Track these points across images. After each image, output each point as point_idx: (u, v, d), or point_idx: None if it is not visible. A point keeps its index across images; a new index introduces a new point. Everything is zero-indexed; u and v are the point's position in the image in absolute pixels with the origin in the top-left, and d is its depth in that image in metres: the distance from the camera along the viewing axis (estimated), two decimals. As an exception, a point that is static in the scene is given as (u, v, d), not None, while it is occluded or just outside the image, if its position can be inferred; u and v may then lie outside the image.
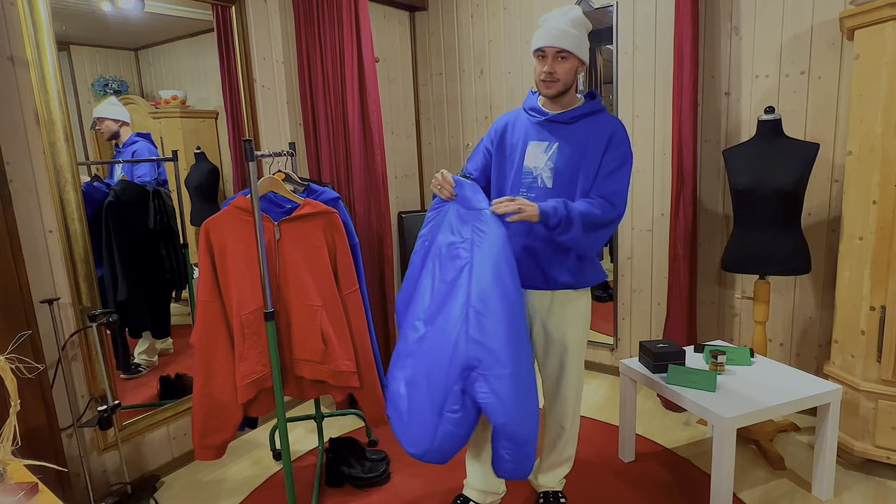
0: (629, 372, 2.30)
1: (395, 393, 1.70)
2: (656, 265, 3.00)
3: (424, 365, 1.64)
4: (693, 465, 2.34)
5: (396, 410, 1.69)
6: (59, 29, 2.29)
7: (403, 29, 3.58)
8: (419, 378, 1.64)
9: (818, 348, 2.61)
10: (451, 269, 1.66)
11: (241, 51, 2.66)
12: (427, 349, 1.65)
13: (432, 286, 1.70)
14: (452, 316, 1.60)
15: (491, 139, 1.93)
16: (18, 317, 1.82)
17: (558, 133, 1.80)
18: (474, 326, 1.56)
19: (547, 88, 1.75)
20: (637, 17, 2.84)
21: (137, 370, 2.66)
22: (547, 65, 1.71)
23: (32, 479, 0.82)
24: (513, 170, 1.85)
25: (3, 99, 1.89)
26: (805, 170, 2.19)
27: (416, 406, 1.63)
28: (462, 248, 1.66)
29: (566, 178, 1.78)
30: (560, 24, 1.70)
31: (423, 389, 1.63)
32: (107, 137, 2.52)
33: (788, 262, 2.24)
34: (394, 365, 1.75)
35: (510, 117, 1.92)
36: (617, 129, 1.79)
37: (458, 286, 1.62)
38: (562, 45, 1.69)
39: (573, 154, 1.78)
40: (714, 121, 2.72)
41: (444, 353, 1.59)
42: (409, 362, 1.69)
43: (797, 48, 2.46)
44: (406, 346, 1.72)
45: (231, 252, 1.84)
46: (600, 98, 1.84)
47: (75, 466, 2.12)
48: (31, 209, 1.99)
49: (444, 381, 1.58)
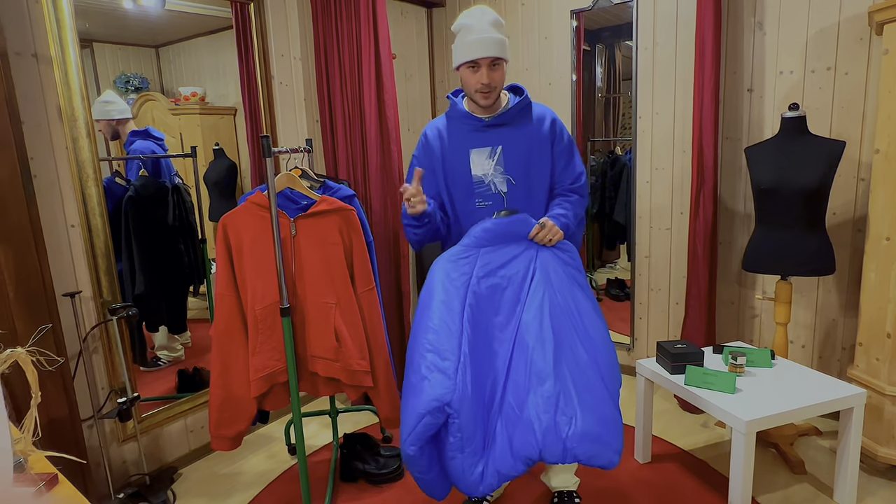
0: (646, 372, 2.27)
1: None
2: (675, 264, 2.96)
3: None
4: (710, 468, 2.30)
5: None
6: (83, 27, 2.33)
7: (420, 25, 3.57)
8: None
9: (841, 351, 2.55)
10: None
11: (260, 47, 2.68)
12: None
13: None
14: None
15: (428, 154, 1.84)
16: (41, 310, 1.86)
17: (497, 136, 1.76)
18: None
19: (485, 99, 1.71)
20: (657, 12, 2.80)
21: (157, 363, 2.70)
22: (483, 76, 1.66)
23: (53, 471, 0.83)
24: (461, 181, 1.79)
25: (28, 95, 1.93)
26: (830, 168, 2.13)
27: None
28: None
29: (520, 178, 1.76)
30: (487, 31, 1.65)
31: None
32: (110, 138, 2.48)
33: (812, 262, 2.19)
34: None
35: (439, 127, 1.85)
36: (553, 117, 1.80)
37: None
38: (495, 54, 1.65)
39: (520, 153, 1.76)
40: (736, 118, 2.67)
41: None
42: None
43: (823, 43, 2.40)
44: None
45: (248, 247, 1.85)
46: (524, 88, 1.82)
47: (95, 457, 2.16)
48: (55, 204, 2.02)
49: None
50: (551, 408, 1.53)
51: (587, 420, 1.52)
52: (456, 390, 1.49)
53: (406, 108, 3.50)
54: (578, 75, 3.17)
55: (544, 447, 1.51)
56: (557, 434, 1.51)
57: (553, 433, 1.51)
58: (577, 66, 3.15)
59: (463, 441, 1.50)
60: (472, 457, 1.51)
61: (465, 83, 1.73)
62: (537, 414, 1.53)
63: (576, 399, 1.54)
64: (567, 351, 1.60)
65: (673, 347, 2.20)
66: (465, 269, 1.66)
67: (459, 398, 1.48)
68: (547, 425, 1.51)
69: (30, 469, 0.82)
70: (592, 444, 1.51)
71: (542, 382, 1.55)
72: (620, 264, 3.82)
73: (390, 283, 2.69)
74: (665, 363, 2.21)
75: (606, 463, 1.53)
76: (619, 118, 3.62)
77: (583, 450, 1.50)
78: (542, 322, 1.61)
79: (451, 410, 1.48)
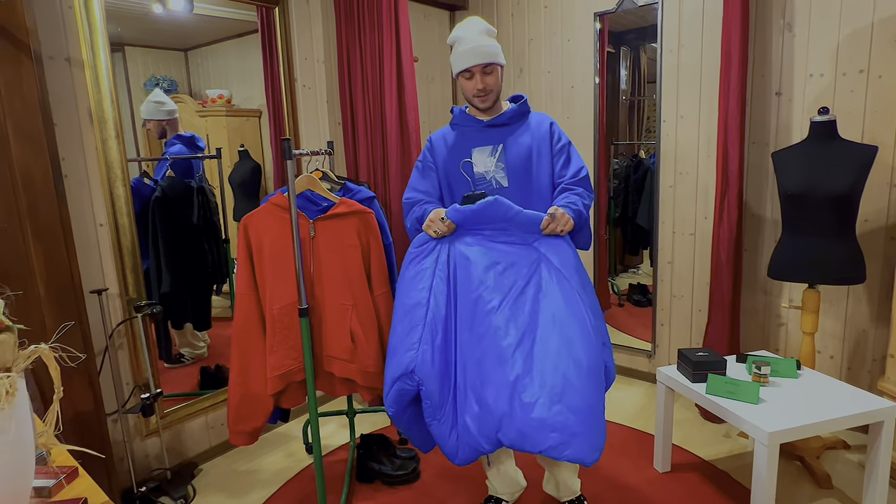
0: (667, 380, 2.23)
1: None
2: (698, 270, 2.90)
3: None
4: (732, 479, 2.25)
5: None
6: (115, 31, 2.40)
7: (443, 28, 3.58)
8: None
9: (872, 363, 2.47)
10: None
11: (284, 51, 2.72)
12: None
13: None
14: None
15: (432, 157, 1.94)
16: (70, 306, 1.91)
17: (499, 136, 1.87)
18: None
19: (483, 102, 1.83)
20: (683, 13, 2.75)
21: (181, 360, 2.76)
22: (478, 81, 1.79)
23: (73, 464, 0.86)
24: (463, 181, 1.89)
25: (61, 98, 1.99)
26: (861, 174, 2.07)
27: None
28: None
29: (520, 173, 1.85)
30: (477, 41, 1.77)
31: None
32: (157, 137, 2.61)
33: (841, 270, 2.13)
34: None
35: (443, 133, 1.96)
36: (551, 121, 1.92)
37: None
38: (486, 61, 1.76)
39: (520, 150, 1.85)
40: (763, 122, 2.61)
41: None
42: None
43: (856, 45, 2.33)
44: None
45: (268, 248, 1.88)
46: (524, 95, 1.95)
47: (119, 451, 2.22)
48: (84, 203, 2.08)
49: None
50: (507, 390, 1.58)
51: (552, 408, 1.52)
52: (418, 360, 1.64)
53: (428, 110, 3.51)
54: (601, 78, 3.14)
55: (500, 429, 1.58)
56: (512, 419, 1.56)
57: (509, 418, 1.56)
58: (600, 68, 3.12)
59: (434, 408, 1.65)
60: (445, 425, 1.65)
61: (464, 90, 1.85)
62: (495, 397, 1.59)
63: (539, 388, 1.56)
64: (538, 335, 1.63)
65: (694, 355, 2.16)
66: (429, 254, 1.79)
67: (420, 367, 1.64)
68: (503, 410, 1.57)
69: (52, 462, 0.85)
70: (552, 433, 1.52)
71: (502, 365, 1.60)
72: (643, 269, 3.76)
73: (409, 285, 2.69)
74: (686, 371, 2.17)
75: (576, 456, 1.51)
76: (643, 121, 3.57)
77: (540, 438, 1.52)
78: (521, 308, 1.66)
79: (417, 377, 1.64)
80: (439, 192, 1.95)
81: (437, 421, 1.66)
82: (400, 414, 1.71)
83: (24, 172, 1.77)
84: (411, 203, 1.92)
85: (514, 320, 1.64)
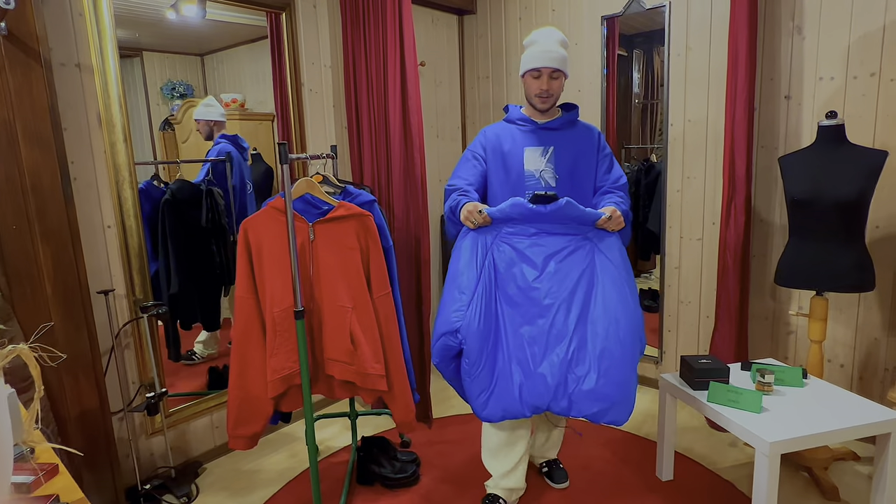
0: (669, 387, 2.20)
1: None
2: (706, 276, 2.86)
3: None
4: (736, 490, 2.21)
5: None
6: (132, 36, 2.45)
7: (451, 32, 3.59)
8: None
9: (884, 372, 2.41)
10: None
11: (291, 55, 2.75)
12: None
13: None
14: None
15: (484, 148, 2.09)
16: (76, 306, 1.95)
17: (550, 138, 2.02)
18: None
19: (543, 103, 1.99)
20: (691, 16, 2.72)
21: (191, 357, 2.80)
22: (544, 83, 1.94)
23: (54, 461, 0.88)
24: (514, 174, 2.03)
25: (70, 103, 2.04)
26: (870, 179, 2.03)
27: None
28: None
29: (566, 176, 2.01)
30: (552, 46, 1.92)
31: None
32: (205, 137, 2.75)
33: (848, 277, 2.08)
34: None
35: (498, 128, 2.11)
36: (599, 133, 2.10)
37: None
38: (556, 66, 1.92)
39: (568, 155, 2.02)
40: (772, 126, 2.56)
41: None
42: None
43: (867, 48, 2.28)
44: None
45: (267, 251, 1.90)
46: (577, 105, 2.10)
47: (124, 448, 2.26)
48: (92, 205, 2.13)
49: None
50: (564, 365, 1.80)
51: (599, 381, 1.76)
52: (464, 320, 1.82)
53: (435, 114, 3.52)
54: (609, 81, 3.12)
55: (553, 399, 1.79)
56: (566, 389, 1.79)
57: (563, 388, 1.79)
58: (608, 71, 3.10)
59: (470, 366, 1.83)
60: (479, 384, 1.82)
61: (527, 88, 2.00)
62: (551, 370, 1.80)
63: (589, 360, 1.79)
64: (590, 316, 1.83)
65: (697, 362, 2.13)
66: (489, 230, 1.93)
67: (466, 327, 1.82)
68: (558, 381, 1.79)
69: (35, 459, 0.87)
70: (598, 402, 1.76)
71: (560, 341, 1.82)
72: (655, 275, 3.72)
73: (411, 288, 2.70)
74: (688, 378, 2.13)
75: (614, 420, 1.78)
76: (656, 124, 3.53)
77: (587, 406, 1.77)
78: (577, 292, 1.86)
79: (461, 336, 1.83)
80: (483, 183, 2.09)
81: (470, 378, 1.84)
82: (444, 366, 1.90)
83: (33, 175, 1.82)
84: (451, 190, 2.06)
85: (571, 303, 1.84)
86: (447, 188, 2.08)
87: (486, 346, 1.83)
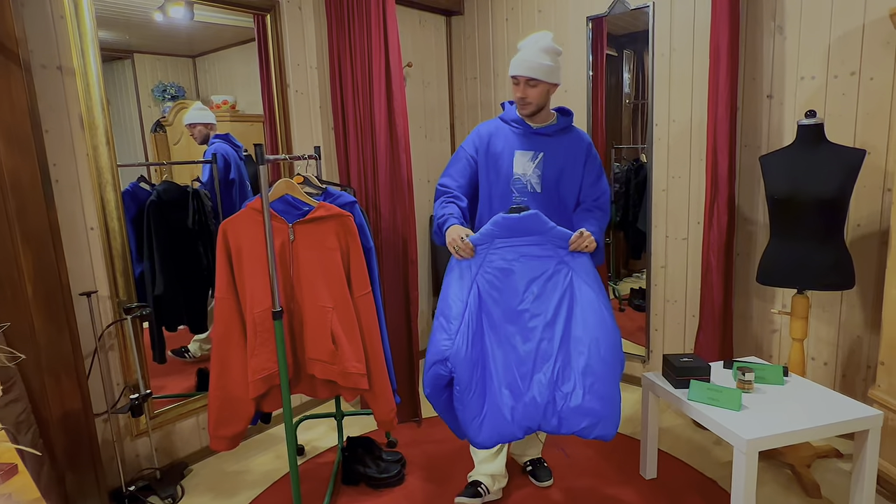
0: (651, 386, 2.21)
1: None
2: (691, 275, 2.87)
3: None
4: (718, 487, 2.22)
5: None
6: (123, 38, 2.45)
7: (439, 33, 3.60)
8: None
9: (866, 370, 2.42)
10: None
11: (276, 57, 2.76)
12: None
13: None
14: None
15: (476, 147, 2.10)
16: (58, 308, 1.95)
17: (541, 144, 2.04)
18: None
19: (522, 109, 2.01)
20: (674, 17, 2.74)
21: (184, 355, 2.81)
22: (520, 90, 1.96)
23: (13, 461, 0.88)
24: (502, 176, 2.05)
25: (52, 105, 2.05)
26: (848, 178, 2.04)
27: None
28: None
29: (552, 183, 2.04)
30: (530, 55, 1.92)
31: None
32: (199, 141, 2.76)
33: (828, 276, 2.09)
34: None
35: (491, 127, 2.11)
36: (590, 143, 2.10)
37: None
38: (530, 75, 1.92)
39: (557, 163, 2.03)
40: (754, 125, 2.58)
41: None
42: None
43: (847, 47, 2.30)
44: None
45: (247, 251, 1.90)
46: (572, 112, 2.11)
47: (109, 450, 2.26)
48: (75, 207, 2.14)
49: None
50: (551, 385, 1.84)
51: (585, 396, 1.80)
52: (453, 349, 1.83)
53: (423, 115, 3.53)
54: (597, 82, 3.13)
55: (543, 418, 1.83)
56: (555, 408, 1.83)
57: (552, 406, 1.83)
58: (595, 72, 3.11)
59: (461, 392, 1.83)
60: (472, 410, 1.84)
61: (513, 93, 2.03)
62: (539, 390, 1.84)
63: (574, 378, 1.83)
64: (572, 336, 1.87)
65: (679, 361, 2.14)
66: (474, 260, 1.95)
67: (455, 356, 1.83)
68: (547, 400, 1.83)
69: (-4, 459, 0.87)
70: (585, 417, 1.79)
71: (546, 361, 1.87)
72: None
73: (398, 289, 2.71)
74: (670, 377, 2.14)
75: (602, 435, 1.80)
76: (646, 124, 3.55)
77: (576, 422, 1.80)
78: (559, 314, 1.90)
79: (451, 365, 1.83)
80: (473, 183, 2.12)
81: (462, 405, 1.85)
82: (435, 396, 1.90)
83: (13, 176, 1.82)
84: (441, 192, 2.10)
85: (555, 325, 1.88)
86: (438, 187, 2.12)
87: (475, 372, 1.85)
